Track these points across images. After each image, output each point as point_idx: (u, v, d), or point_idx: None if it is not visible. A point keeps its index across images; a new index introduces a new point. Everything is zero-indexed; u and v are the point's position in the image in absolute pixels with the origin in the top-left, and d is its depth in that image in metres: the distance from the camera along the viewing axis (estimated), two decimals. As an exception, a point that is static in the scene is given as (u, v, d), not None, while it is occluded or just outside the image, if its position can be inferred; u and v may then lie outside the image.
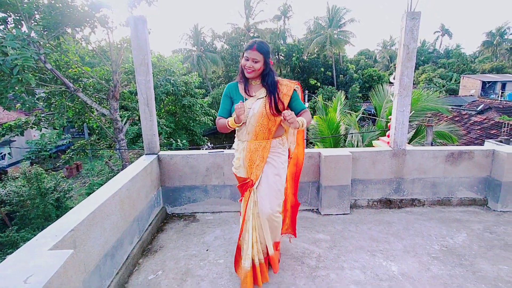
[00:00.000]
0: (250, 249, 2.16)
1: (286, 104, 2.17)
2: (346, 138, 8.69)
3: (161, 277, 2.42)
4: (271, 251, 2.30)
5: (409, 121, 8.58)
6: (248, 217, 2.19)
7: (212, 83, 33.61)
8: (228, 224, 3.27)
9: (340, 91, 11.95)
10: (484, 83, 32.09)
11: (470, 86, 32.14)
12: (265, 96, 2.15)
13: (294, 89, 2.22)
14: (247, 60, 2.10)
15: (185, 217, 3.48)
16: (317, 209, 3.56)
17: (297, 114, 2.16)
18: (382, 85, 9.28)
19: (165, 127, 15.05)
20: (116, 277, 2.27)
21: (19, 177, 14.17)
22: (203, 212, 3.55)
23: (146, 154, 3.42)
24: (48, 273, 1.35)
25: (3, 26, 7.28)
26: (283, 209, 2.50)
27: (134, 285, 2.35)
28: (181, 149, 14.51)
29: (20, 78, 6.17)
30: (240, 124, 2.14)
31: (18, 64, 5.84)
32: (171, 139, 15.28)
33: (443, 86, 33.04)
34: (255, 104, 2.15)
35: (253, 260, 2.19)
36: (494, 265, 2.50)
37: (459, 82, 33.74)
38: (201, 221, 3.37)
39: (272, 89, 2.14)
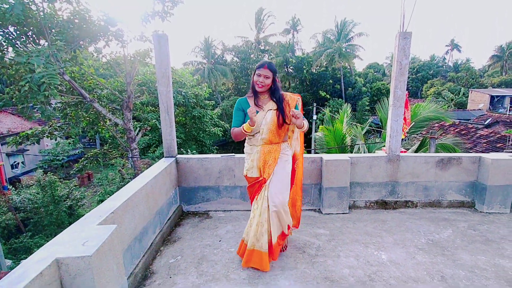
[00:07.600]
0: (266, 236, 2.52)
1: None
2: (353, 149, 8.99)
3: (181, 261, 2.79)
4: (275, 241, 2.59)
5: (413, 132, 8.91)
6: (264, 209, 2.52)
7: (222, 95, 34.27)
8: (238, 221, 3.63)
9: (347, 103, 12.29)
10: (492, 97, 32.15)
11: (478, 100, 32.20)
12: (276, 109, 2.54)
13: (297, 101, 2.66)
14: (259, 76, 2.47)
15: (199, 214, 3.86)
16: (319, 209, 3.91)
17: None
18: (387, 98, 9.59)
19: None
20: (142, 258, 2.65)
21: (33, 185, 14.66)
22: (216, 210, 3.93)
23: (165, 157, 3.83)
24: (100, 240, 1.74)
25: (23, 39, 7.75)
26: (298, 206, 2.92)
27: (157, 266, 2.72)
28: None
29: (47, 95, 6.63)
30: (253, 126, 2.43)
31: (46, 82, 6.27)
32: (181, 149, 15.72)
33: (452, 100, 33.15)
34: (267, 115, 2.53)
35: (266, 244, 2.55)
36: (473, 255, 2.81)
37: (468, 96, 33.82)
38: (214, 218, 3.74)
39: (279, 103, 2.54)
